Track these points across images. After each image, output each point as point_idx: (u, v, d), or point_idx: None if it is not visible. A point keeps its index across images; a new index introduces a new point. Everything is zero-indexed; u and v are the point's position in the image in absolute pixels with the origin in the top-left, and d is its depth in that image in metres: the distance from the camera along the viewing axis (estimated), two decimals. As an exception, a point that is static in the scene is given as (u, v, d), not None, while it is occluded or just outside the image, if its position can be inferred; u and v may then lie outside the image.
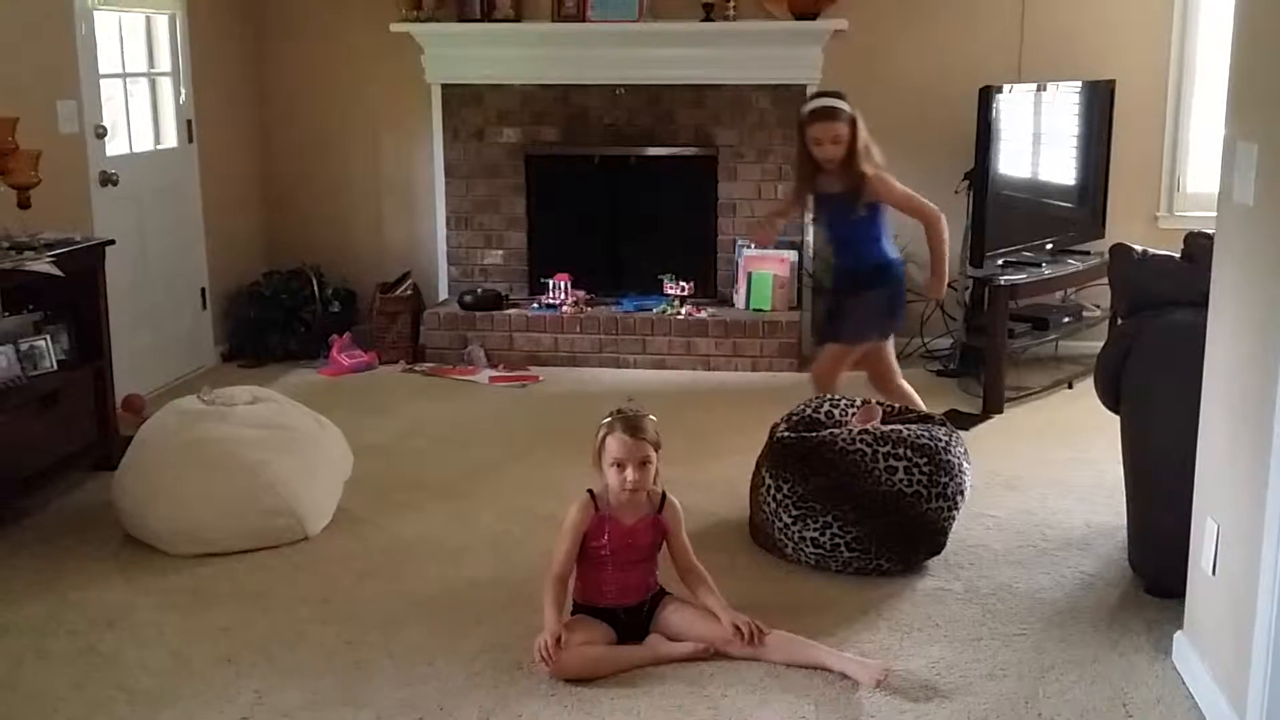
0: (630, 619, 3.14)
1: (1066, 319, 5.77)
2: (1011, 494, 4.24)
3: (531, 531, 3.92)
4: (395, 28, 6.08)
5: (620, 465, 3.05)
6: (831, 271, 4.55)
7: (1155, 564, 3.42)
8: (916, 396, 4.36)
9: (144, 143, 5.61)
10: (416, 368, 6.05)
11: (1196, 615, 2.99)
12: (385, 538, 3.92)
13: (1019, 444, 4.80)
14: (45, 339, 4.19)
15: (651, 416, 3.12)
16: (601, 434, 3.08)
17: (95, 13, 5.10)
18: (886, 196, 4.22)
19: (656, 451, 3.09)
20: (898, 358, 6.02)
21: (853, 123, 4.16)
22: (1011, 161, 5.53)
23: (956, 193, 5.74)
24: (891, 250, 4.34)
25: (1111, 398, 3.56)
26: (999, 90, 5.31)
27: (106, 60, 5.24)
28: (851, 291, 4.35)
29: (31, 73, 4.68)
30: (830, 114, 4.16)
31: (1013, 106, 5.48)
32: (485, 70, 6.22)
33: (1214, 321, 2.91)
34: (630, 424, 3.06)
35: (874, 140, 4.24)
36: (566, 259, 6.31)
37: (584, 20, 6.02)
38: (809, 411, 3.92)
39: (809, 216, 5.69)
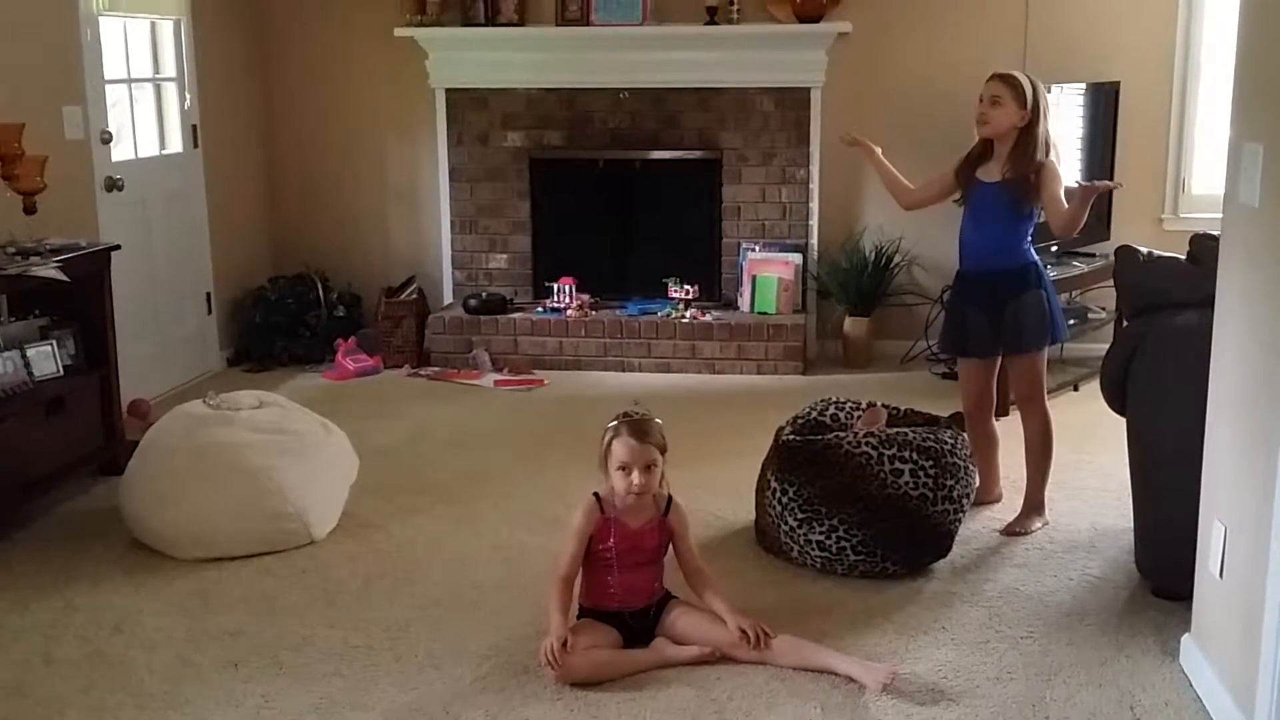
0: (636, 622, 3.14)
1: (1072, 321, 5.75)
2: (1017, 497, 4.22)
3: (537, 535, 3.92)
4: (399, 32, 6.09)
5: (626, 469, 3.05)
6: (968, 275, 4.08)
7: (1162, 566, 3.41)
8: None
9: (149, 148, 5.62)
10: (421, 372, 6.05)
11: (1204, 618, 2.99)
12: (391, 542, 3.92)
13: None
14: (51, 344, 4.20)
15: (657, 420, 3.12)
16: (607, 438, 3.08)
17: (101, 18, 5.11)
18: (1051, 181, 3.82)
19: (662, 455, 3.09)
20: (905, 359, 6.10)
21: (1022, 101, 3.81)
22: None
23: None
24: (1033, 254, 3.99)
25: (1117, 400, 3.56)
26: (1003, 92, 5.30)
27: (112, 66, 5.25)
28: (994, 296, 3.94)
29: (37, 79, 4.69)
30: (1000, 76, 3.86)
31: (1017, 109, 5.46)
32: (489, 74, 6.23)
33: (1220, 323, 2.90)
34: (636, 428, 3.06)
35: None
36: (571, 263, 6.31)
37: (588, 24, 6.03)
38: (814, 414, 3.92)
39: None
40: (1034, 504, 4.01)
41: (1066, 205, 3.79)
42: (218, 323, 6.12)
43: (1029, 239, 3.99)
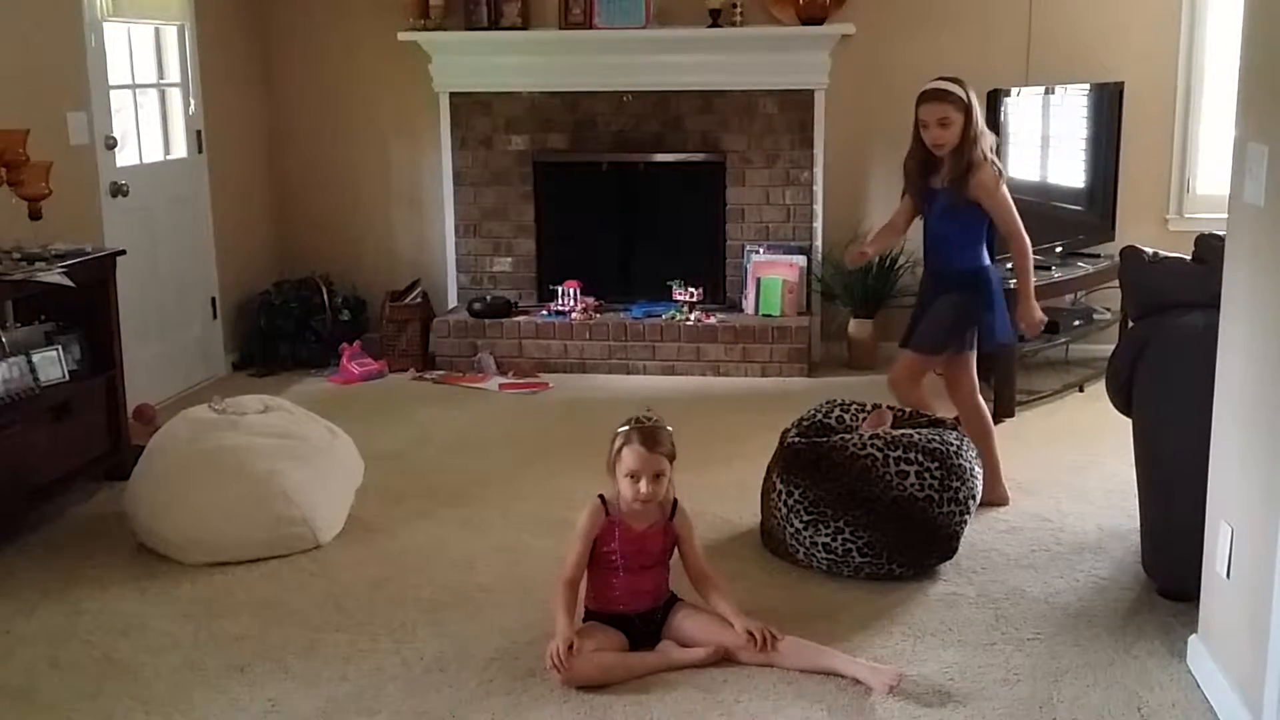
0: (642, 625, 3.14)
1: (1077, 322, 5.75)
2: (1024, 498, 4.23)
3: (543, 538, 3.92)
4: (403, 36, 6.09)
5: (635, 477, 3.04)
6: (924, 274, 4.25)
7: (1169, 567, 3.41)
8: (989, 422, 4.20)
9: (154, 153, 5.63)
10: (426, 375, 6.06)
11: (1211, 618, 2.98)
12: (397, 545, 3.93)
13: (1030, 448, 4.79)
14: (57, 349, 4.20)
15: (668, 427, 3.11)
16: (618, 444, 3.07)
17: (105, 24, 5.13)
18: (987, 198, 3.96)
19: (671, 463, 3.09)
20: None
21: (966, 110, 3.92)
22: (1021, 164, 5.52)
23: (965, 196, 5.73)
24: (984, 258, 4.12)
25: (1123, 401, 3.55)
26: (1007, 93, 5.30)
27: (116, 71, 5.26)
28: (934, 296, 4.13)
29: (42, 84, 4.70)
30: (939, 95, 3.93)
31: (1021, 109, 5.47)
32: (493, 78, 6.24)
33: (1226, 324, 2.90)
34: (647, 436, 3.05)
35: (983, 145, 3.99)
36: (575, 266, 6.32)
37: (591, 27, 6.03)
38: (820, 417, 3.92)
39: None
40: None
41: (1008, 209, 3.99)
42: (223, 327, 6.12)
43: (979, 244, 4.09)
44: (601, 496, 3.14)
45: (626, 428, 3.08)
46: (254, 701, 2.97)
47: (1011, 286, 4.26)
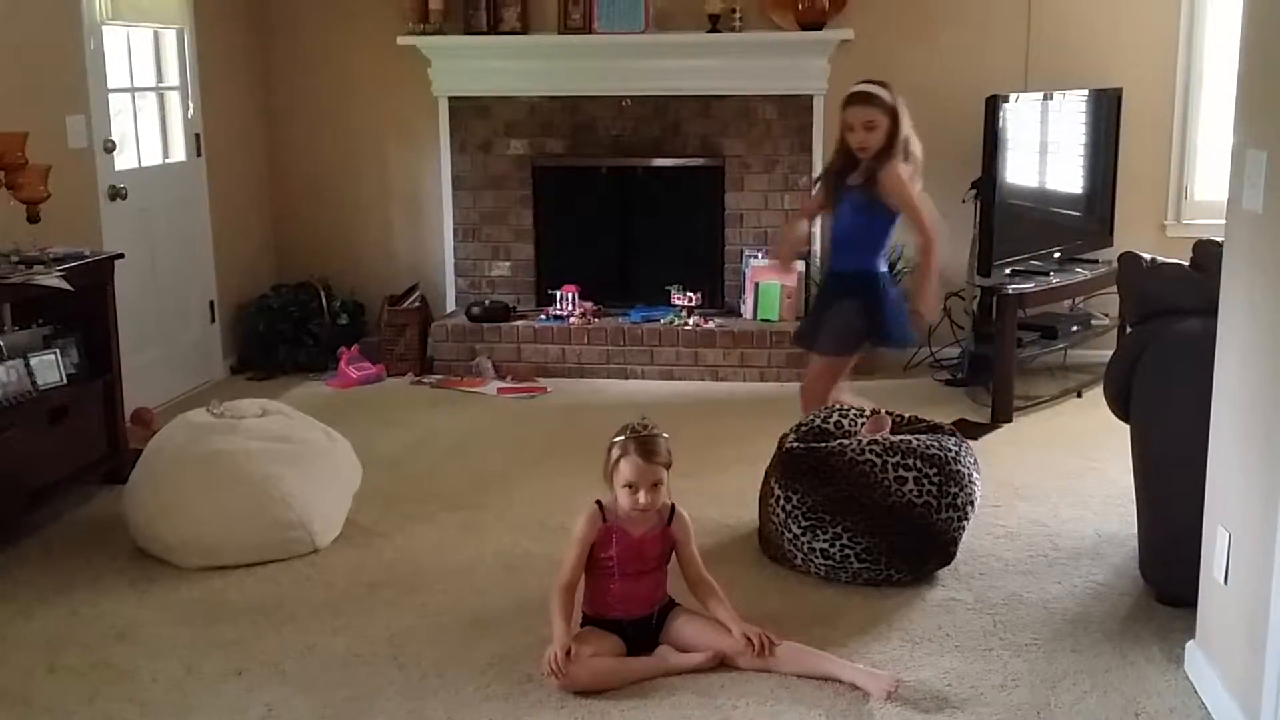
0: (639, 630, 3.14)
1: (1075, 328, 5.76)
2: (1021, 503, 4.23)
3: (541, 543, 3.92)
4: (402, 41, 6.10)
5: (633, 487, 3.04)
6: (824, 274, 4.29)
7: (1167, 573, 3.41)
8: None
9: (152, 157, 5.63)
10: (425, 380, 6.05)
11: (1209, 624, 2.98)
12: (395, 550, 3.92)
13: (1028, 453, 4.79)
14: (55, 353, 4.20)
15: (664, 435, 3.11)
16: (615, 454, 3.06)
17: (104, 28, 5.12)
18: (896, 191, 3.96)
19: (668, 470, 3.09)
20: (908, 366, 6.09)
21: (893, 114, 3.95)
22: (1019, 170, 5.53)
23: (964, 202, 5.74)
24: (882, 264, 4.16)
25: (1121, 406, 3.55)
26: (1006, 99, 5.31)
27: (115, 75, 5.26)
28: (835, 297, 4.16)
29: (41, 88, 4.70)
30: (865, 98, 3.97)
31: (1020, 115, 5.48)
32: (492, 82, 6.24)
33: (1224, 329, 2.90)
34: (644, 446, 3.04)
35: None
36: (574, 270, 6.32)
37: (590, 32, 6.04)
38: (818, 422, 3.92)
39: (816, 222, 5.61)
40: None
41: (917, 201, 3.98)
42: (221, 331, 6.12)
43: (881, 250, 4.11)
44: (599, 502, 3.13)
45: (623, 437, 3.07)
46: (251, 706, 2.97)
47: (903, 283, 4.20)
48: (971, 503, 3.63)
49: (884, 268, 4.20)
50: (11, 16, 4.56)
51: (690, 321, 6.05)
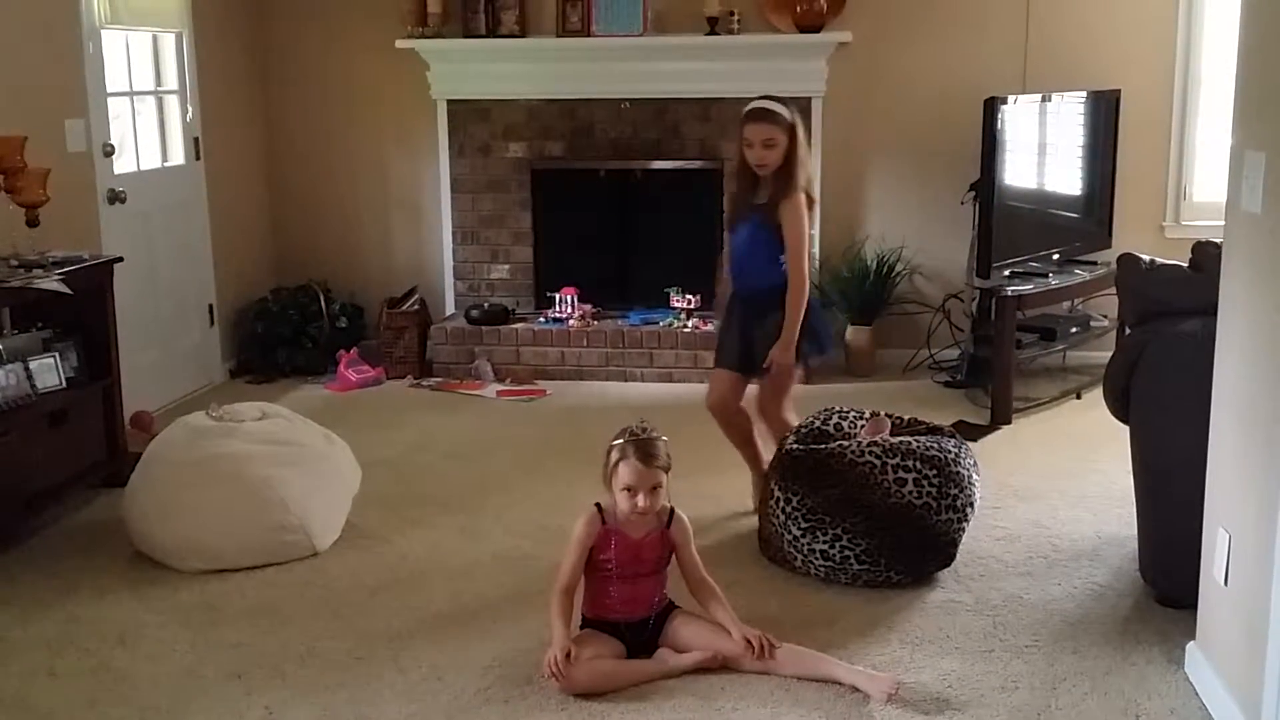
0: (639, 633, 3.14)
1: (1074, 329, 5.76)
2: (1021, 505, 4.24)
3: (540, 545, 3.91)
4: (400, 44, 6.09)
5: (632, 491, 3.04)
6: (732, 297, 4.11)
7: (1167, 574, 3.41)
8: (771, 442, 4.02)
9: (151, 160, 5.63)
10: (424, 383, 6.05)
11: (1209, 625, 2.98)
12: (394, 553, 3.92)
13: (1028, 455, 4.79)
14: (54, 356, 4.20)
15: (663, 438, 3.11)
16: (614, 458, 3.07)
17: (103, 31, 5.12)
18: (789, 224, 3.86)
19: (667, 473, 3.09)
20: (907, 368, 6.10)
21: (792, 132, 3.90)
22: (1017, 172, 5.53)
23: (963, 204, 5.76)
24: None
25: (1120, 408, 3.55)
26: (1004, 101, 5.32)
27: (114, 79, 5.26)
28: (748, 318, 4.01)
29: (40, 91, 4.70)
30: (764, 115, 3.92)
31: (1018, 117, 5.48)
32: (491, 85, 6.24)
33: (1223, 330, 2.90)
34: (643, 450, 3.04)
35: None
36: (573, 273, 6.32)
37: (589, 35, 6.04)
38: (817, 424, 3.92)
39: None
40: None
41: (802, 244, 3.87)
42: (220, 334, 6.12)
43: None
44: (598, 505, 3.13)
45: (621, 441, 3.07)
46: (251, 709, 2.96)
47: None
48: (971, 504, 3.63)
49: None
50: (10, 20, 4.56)
51: (689, 324, 6.05)
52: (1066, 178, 5.90)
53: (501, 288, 6.44)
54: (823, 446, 3.68)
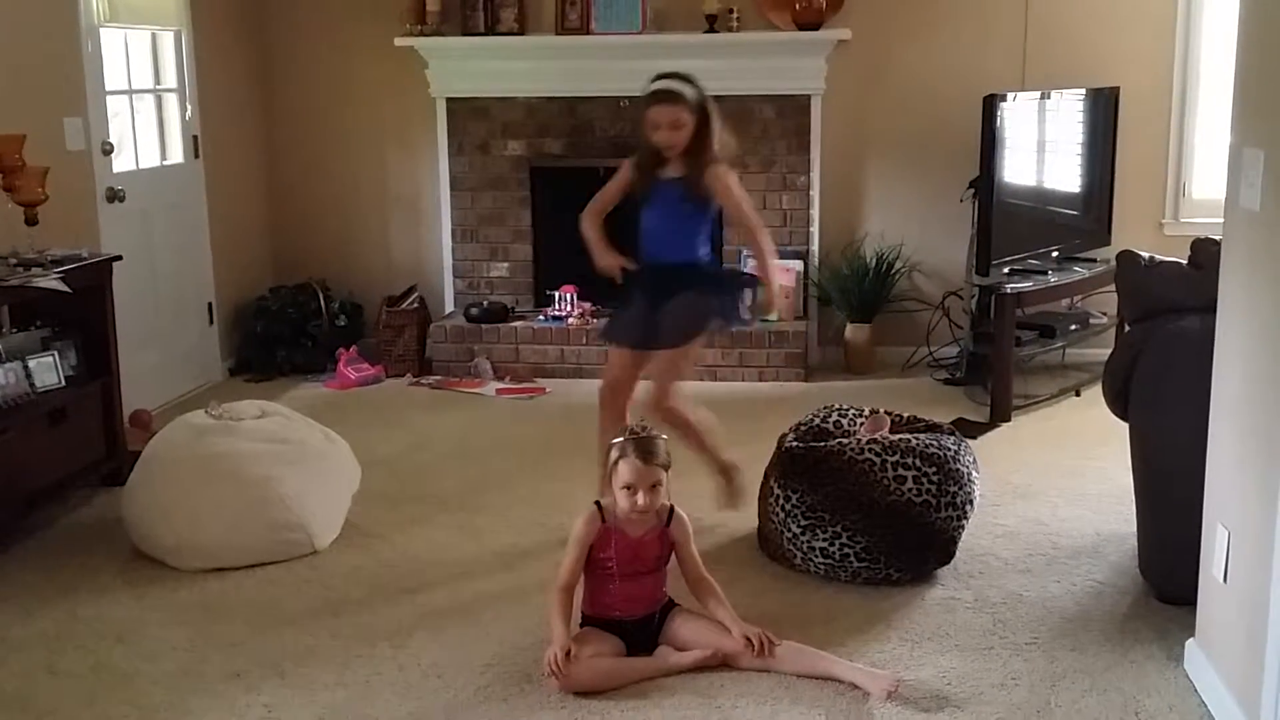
0: (638, 631, 3.14)
1: (1073, 326, 5.76)
2: (1021, 502, 4.24)
3: (540, 544, 3.91)
4: (399, 42, 6.09)
5: (631, 489, 3.04)
6: (641, 267, 4.02)
7: (1166, 571, 3.41)
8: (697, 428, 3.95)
9: (150, 159, 5.63)
10: (423, 381, 6.05)
11: (1208, 623, 2.98)
12: (394, 551, 3.92)
13: (1027, 452, 4.79)
14: (53, 355, 4.20)
15: (663, 437, 3.12)
16: (614, 456, 3.07)
17: (101, 30, 5.12)
18: (723, 195, 3.83)
19: (666, 472, 3.09)
20: (907, 366, 6.10)
21: (702, 110, 3.79)
22: (1017, 169, 5.53)
23: (962, 201, 5.75)
24: (704, 252, 3.95)
25: (1120, 405, 3.55)
26: (1003, 98, 5.32)
27: (113, 77, 5.26)
28: (657, 290, 3.89)
29: (38, 90, 4.70)
30: (670, 97, 3.80)
31: (1017, 114, 5.48)
32: (489, 83, 6.24)
33: (1222, 327, 2.90)
34: (642, 448, 3.05)
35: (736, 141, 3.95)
36: (572, 271, 6.29)
37: (588, 33, 6.04)
38: (817, 421, 3.92)
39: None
40: (723, 471, 3.97)
41: (745, 201, 3.89)
42: (219, 333, 6.12)
43: (706, 236, 3.94)
44: (598, 503, 3.14)
45: (621, 439, 3.08)
46: (250, 707, 2.96)
47: (752, 268, 4.06)
48: (971, 502, 3.63)
49: (707, 255, 3.99)
50: (9, 19, 4.56)
51: (689, 322, 6.04)
52: (1066, 175, 5.90)
53: (501, 286, 6.44)
54: (822, 444, 3.68)
